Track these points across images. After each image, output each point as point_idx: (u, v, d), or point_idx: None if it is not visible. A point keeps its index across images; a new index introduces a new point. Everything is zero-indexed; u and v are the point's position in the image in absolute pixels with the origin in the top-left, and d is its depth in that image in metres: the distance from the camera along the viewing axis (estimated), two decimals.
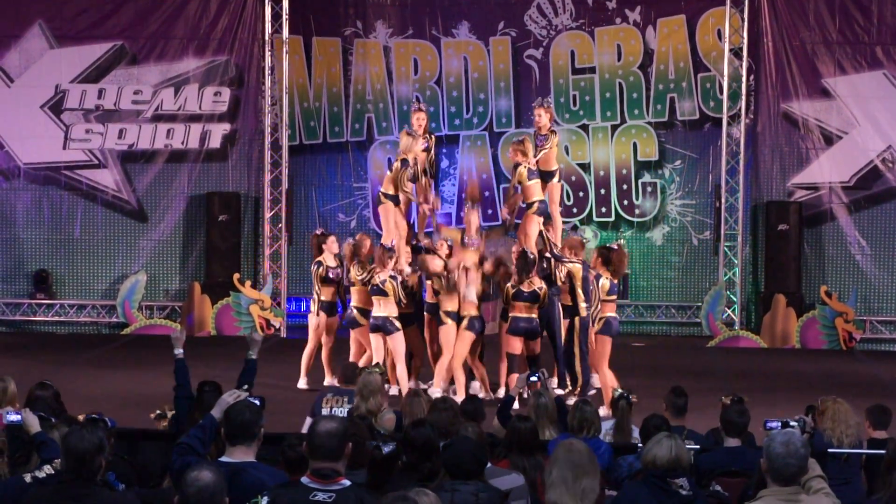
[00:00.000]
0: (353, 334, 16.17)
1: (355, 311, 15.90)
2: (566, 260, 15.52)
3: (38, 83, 22.50)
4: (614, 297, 15.21)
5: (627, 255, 15.61)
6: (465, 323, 15.42)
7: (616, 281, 15.18)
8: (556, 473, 6.02)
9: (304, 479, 6.27)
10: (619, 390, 10.61)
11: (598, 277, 15.05)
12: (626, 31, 22.58)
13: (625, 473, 8.76)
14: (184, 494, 5.72)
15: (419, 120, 16.38)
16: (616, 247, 15.37)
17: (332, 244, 16.39)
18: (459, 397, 13.63)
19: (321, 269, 16.30)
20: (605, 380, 15.00)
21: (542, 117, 16.16)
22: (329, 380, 15.99)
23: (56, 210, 22.67)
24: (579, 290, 15.34)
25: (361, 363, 15.64)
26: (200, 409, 9.08)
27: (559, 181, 16.61)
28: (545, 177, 16.10)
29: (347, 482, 6.29)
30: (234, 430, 6.74)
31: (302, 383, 16.44)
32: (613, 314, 15.19)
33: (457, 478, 6.80)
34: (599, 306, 15.01)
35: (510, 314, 15.42)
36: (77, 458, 6.30)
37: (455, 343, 15.48)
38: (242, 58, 22.60)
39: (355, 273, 15.74)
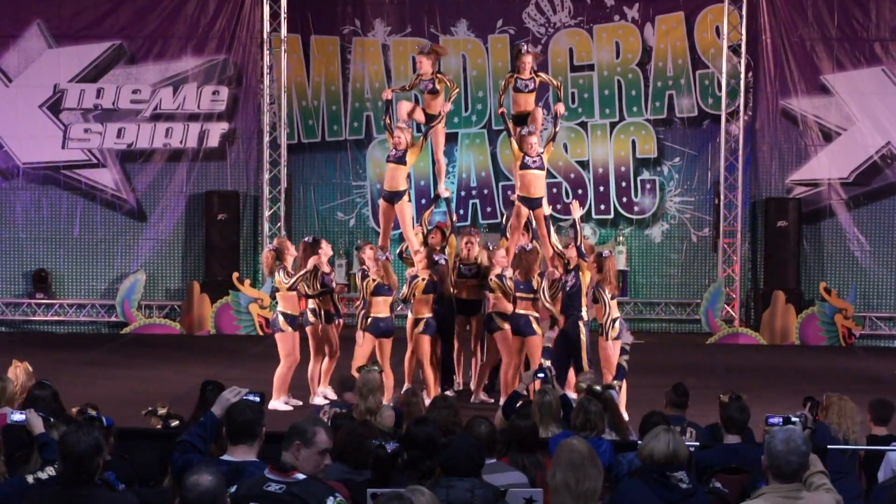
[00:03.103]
0: (277, 339, 15.53)
1: (280, 316, 15.35)
2: (587, 259, 15.11)
3: (37, 83, 22.50)
4: (529, 295, 15.06)
5: (538, 257, 15.26)
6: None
7: (522, 280, 15.01)
8: (560, 477, 6.01)
9: (266, 472, 6.35)
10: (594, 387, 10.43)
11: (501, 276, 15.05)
12: (625, 29, 22.58)
13: (625, 471, 8.75)
14: (185, 500, 5.73)
15: (421, 65, 15.93)
16: (529, 247, 15.16)
17: (326, 248, 16.04)
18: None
19: (318, 274, 15.56)
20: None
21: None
22: (323, 389, 15.56)
23: (55, 209, 22.67)
24: (585, 294, 15.02)
25: (289, 371, 15.45)
26: (203, 409, 9.07)
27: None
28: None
29: (300, 476, 6.33)
30: (235, 429, 6.76)
31: (319, 399, 15.37)
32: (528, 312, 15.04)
33: (452, 476, 6.79)
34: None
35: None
36: (75, 459, 6.30)
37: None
38: (241, 57, 22.60)
39: (281, 278, 15.29)
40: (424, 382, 15.17)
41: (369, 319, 15.10)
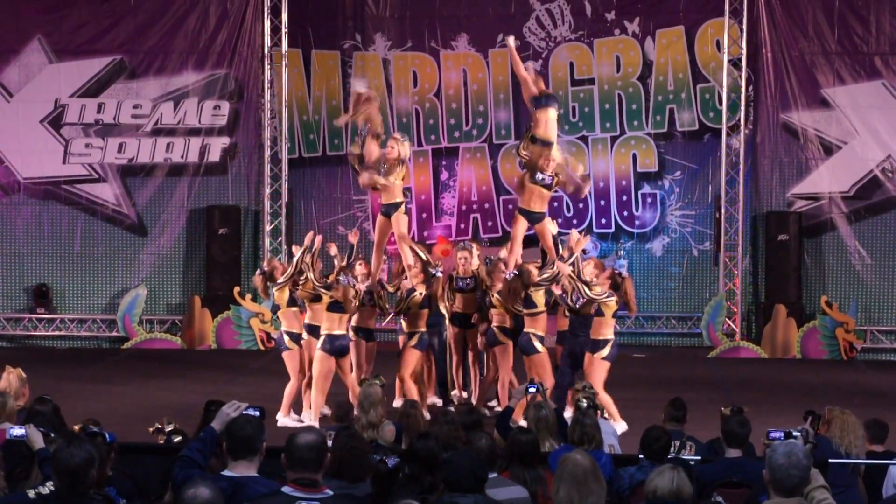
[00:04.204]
0: (284, 358, 15.40)
1: (285, 335, 15.26)
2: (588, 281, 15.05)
3: (38, 98, 22.52)
4: (532, 310, 14.98)
5: (527, 278, 15.18)
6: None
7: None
8: (563, 493, 5.99)
9: (286, 489, 6.26)
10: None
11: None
12: (625, 43, 22.59)
13: (626, 485, 8.74)
14: None
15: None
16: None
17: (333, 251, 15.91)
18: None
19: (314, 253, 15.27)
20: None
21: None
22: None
23: (56, 224, 22.67)
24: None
25: (292, 388, 15.38)
26: (205, 427, 9.06)
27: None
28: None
29: (330, 492, 6.29)
30: (236, 444, 6.74)
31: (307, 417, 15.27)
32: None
33: (455, 492, 6.78)
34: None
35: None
36: (69, 474, 6.29)
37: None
38: (242, 71, 22.62)
39: (279, 284, 15.20)
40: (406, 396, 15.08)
41: (323, 337, 14.90)
